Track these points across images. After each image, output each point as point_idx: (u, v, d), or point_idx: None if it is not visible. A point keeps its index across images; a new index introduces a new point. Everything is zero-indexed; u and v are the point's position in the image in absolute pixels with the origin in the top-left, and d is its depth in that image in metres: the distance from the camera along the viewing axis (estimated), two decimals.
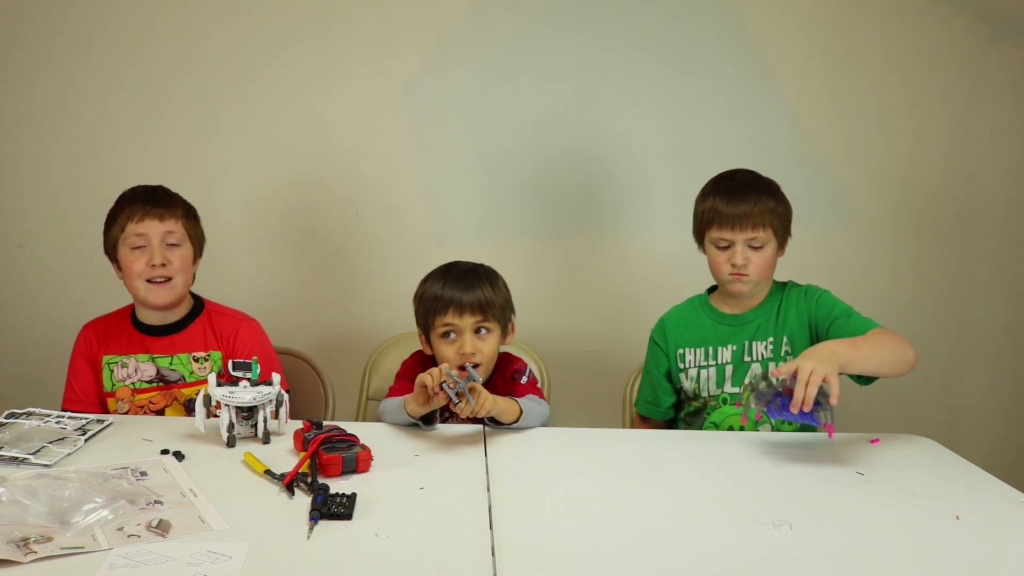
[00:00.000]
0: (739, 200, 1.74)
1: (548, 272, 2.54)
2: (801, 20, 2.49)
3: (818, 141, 2.52)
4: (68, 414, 1.55)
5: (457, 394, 1.46)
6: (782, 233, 1.79)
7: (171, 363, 1.84)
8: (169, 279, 1.79)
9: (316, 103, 2.46)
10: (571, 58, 2.47)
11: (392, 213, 2.51)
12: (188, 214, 1.87)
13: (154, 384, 1.82)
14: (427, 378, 1.50)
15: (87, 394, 1.84)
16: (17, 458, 1.34)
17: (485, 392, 1.50)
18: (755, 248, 1.75)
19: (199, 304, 1.91)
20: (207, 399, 1.50)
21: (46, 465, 1.33)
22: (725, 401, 1.81)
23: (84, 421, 1.54)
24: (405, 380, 1.78)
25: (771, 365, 1.77)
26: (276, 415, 1.54)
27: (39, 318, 2.49)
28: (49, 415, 1.53)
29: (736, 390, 1.80)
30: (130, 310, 1.90)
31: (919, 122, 2.53)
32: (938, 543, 1.18)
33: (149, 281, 1.78)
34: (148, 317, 1.86)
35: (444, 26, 2.45)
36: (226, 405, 1.48)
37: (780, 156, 2.49)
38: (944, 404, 2.64)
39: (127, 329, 1.87)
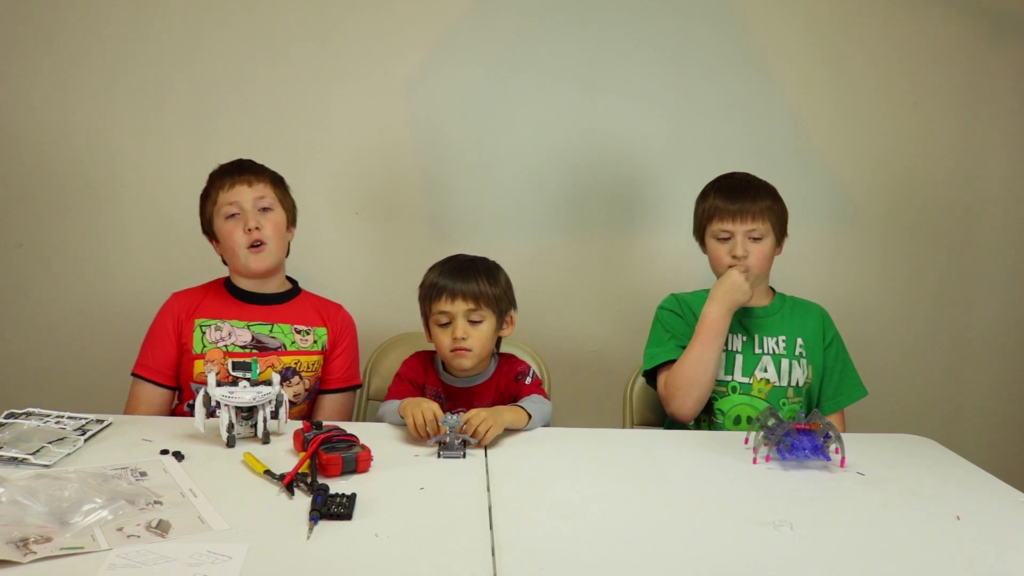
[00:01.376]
0: (739, 195, 1.81)
1: (548, 272, 2.53)
2: (803, 18, 2.48)
3: (819, 140, 2.52)
4: (68, 414, 1.54)
5: (462, 442, 1.47)
6: (780, 231, 1.85)
7: (271, 331, 1.85)
8: (263, 243, 1.82)
9: (316, 103, 2.46)
10: (571, 57, 2.47)
11: (392, 213, 2.51)
12: (276, 181, 1.89)
13: (248, 349, 1.82)
14: (411, 426, 1.53)
15: (163, 364, 1.82)
16: (17, 458, 1.34)
17: (484, 422, 1.51)
18: (755, 240, 1.81)
19: (296, 286, 1.95)
20: (207, 399, 1.50)
21: (46, 465, 1.33)
22: (735, 389, 1.83)
23: (84, 421, 1.54)
24: (405, 381, 1.80)
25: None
26: (276, 415, 1.54)
27: (38, 318, 2.49)
28: (49, 415, 1.53)
29: (746, 380, 1.83)
30: (222, 281, 1.91)
31: (921, 121, 2.53)
32: (938, 543, 1.18)
33: (249, 248, 1.81)
34: (246, 284, 1.88)
35: (444, 26, 2.44)
36: (226, 405, 1.48)
37: (781, 155, 2.49)
38: (944, 404, 2.64)
39: (222, 295, 1.88)
